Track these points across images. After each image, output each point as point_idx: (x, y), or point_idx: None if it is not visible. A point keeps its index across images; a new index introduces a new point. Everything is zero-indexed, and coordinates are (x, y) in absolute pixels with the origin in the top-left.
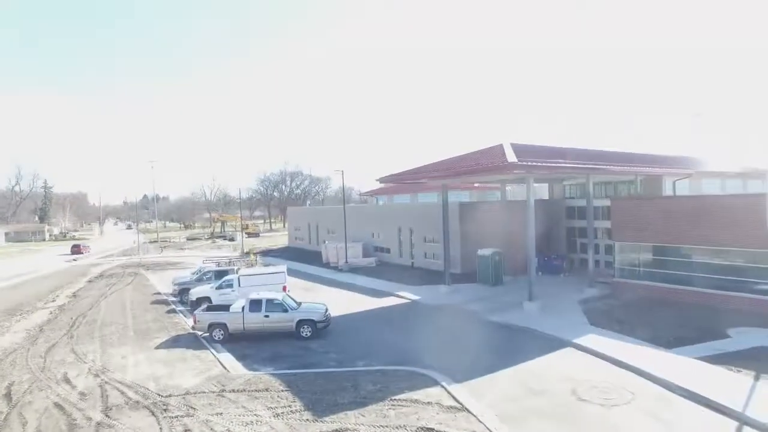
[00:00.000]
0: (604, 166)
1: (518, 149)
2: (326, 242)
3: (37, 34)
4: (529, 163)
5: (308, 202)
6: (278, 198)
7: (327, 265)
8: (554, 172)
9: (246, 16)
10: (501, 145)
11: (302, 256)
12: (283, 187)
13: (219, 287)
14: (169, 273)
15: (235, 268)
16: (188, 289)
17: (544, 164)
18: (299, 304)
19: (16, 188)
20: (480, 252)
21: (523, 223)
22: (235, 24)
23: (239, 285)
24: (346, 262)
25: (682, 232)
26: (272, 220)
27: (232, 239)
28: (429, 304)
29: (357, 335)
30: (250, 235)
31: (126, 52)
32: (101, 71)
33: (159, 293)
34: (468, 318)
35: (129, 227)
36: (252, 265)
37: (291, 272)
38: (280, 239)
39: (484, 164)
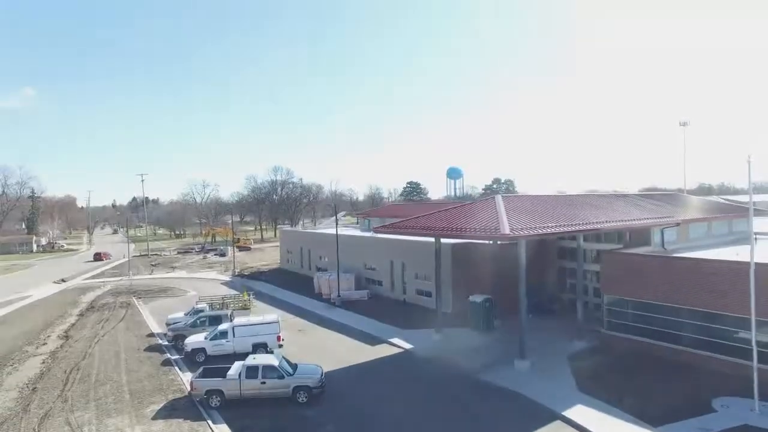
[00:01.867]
0: (594, 226)
1: (510, 205)
2: (319, 274)
3: (23, 34)
4: (522, 233)
5: (301, 222)
6: (269, 206)
7: (319, 297)
8: (546, 236)
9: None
10: (494, 202)
11: (294, 284)
12: (274, 196)
13: (213, 338)
14: (161, 303)
15: (229, 312)
16: (182, 336)
17: (535, 231)
18: (295, 367)
19: (2, 197)
20: (472, 298)
21: (515, 269)
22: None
23: (233, 336)
24: (339, 295)
25: (670, 291)
26: (263, 228)
27: (223, 254)
28: (421, 357)
29: (351, 401)
30: (241, 249)
31: (116, 53)
32: (91, 72)
33: (153, 334)
34: (460, 377)
35: (115, 231)
36: (246, 306)
37: (284, 305)
38: (271, 254)
39: (477, 230)
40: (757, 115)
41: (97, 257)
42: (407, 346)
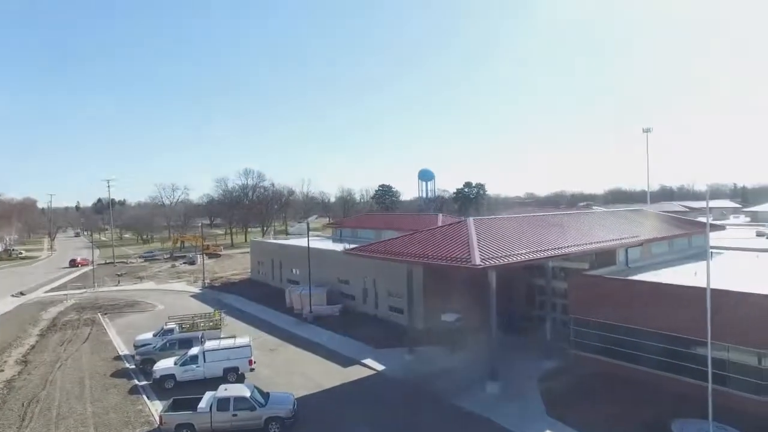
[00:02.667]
0: (562, 251)
1: (481, 230)
2: (290, 288)
3: None
4: (492, 263)
5: (272, 228)
6: (240, 210)
7: (291, 311)
8: (517, 264)
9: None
10: (465, 226)
11: (265, 297)
12: (246, 201)
13: (183, 363)
14: (129, 320)
15: (200, 335)
16: (151, 360)
17: (506, 261)
18: (267, 396)
19: None
20: (444, 318)
21: (486, 287)
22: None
23: (204, 361)
24: (311, 311)
25: (633, 313)
26: (233, 232)
27: (192, 262)
28: (394, 380)
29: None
30: (210, 256)
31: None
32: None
33: (120, 357)
34: (432, 402)
35: (77, 234)
36: (217, 325)
37: (255, 321)
38: (241, 262)
39: (450, 258)
40: (715, 122)
41: (73, 263)
42: (380, 367)
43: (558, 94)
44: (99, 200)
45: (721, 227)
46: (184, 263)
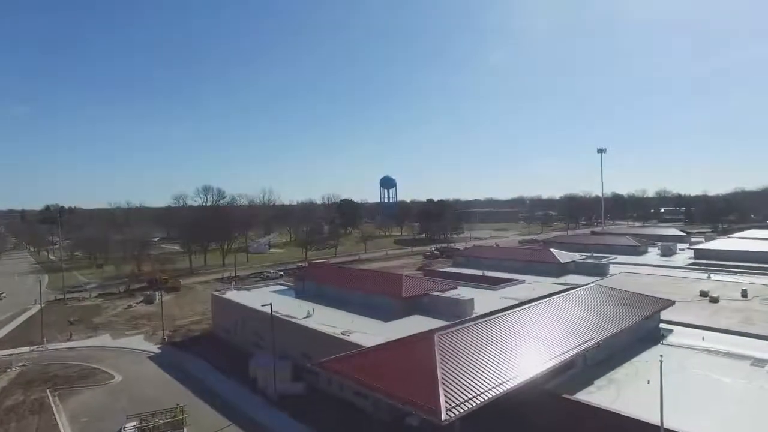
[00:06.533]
0: (528, 377)
1: (445, 351)
2: (255, 359)
3: None
4: (459, 413)
5: (233, 283)
6: (199, 232)
7: (254, 384)
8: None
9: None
10: (430, 349)
11: (228, 361)
12: (206, 222)
13: None
14: (83, 399)
15: None
16: None
17: (471, 406)
18: None
19: None
20: (408, 420)
21: None
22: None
23: None
24: (275, 390)
25: None
26: (192, 254)
27: (150, 301)
28: None
29: None
30: (169, 290)
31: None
32: None
33: None
34: None
35: (14, 247)
36: (179, 426)
37: (217, 402)
38: (202, 299)
39: (414, 405)
40: (664, 138)
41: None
42: None
43: (520, 100)
44: (47, 207)
45: (671, 302)
46: (141, 302)
